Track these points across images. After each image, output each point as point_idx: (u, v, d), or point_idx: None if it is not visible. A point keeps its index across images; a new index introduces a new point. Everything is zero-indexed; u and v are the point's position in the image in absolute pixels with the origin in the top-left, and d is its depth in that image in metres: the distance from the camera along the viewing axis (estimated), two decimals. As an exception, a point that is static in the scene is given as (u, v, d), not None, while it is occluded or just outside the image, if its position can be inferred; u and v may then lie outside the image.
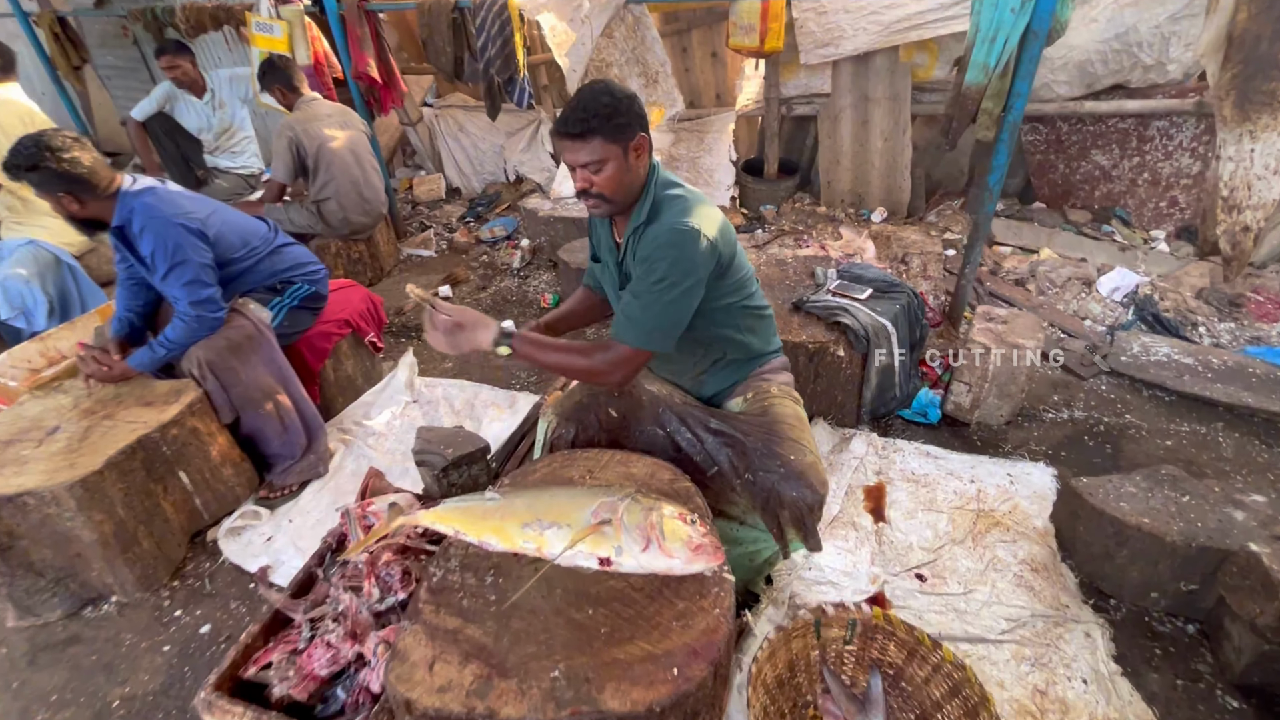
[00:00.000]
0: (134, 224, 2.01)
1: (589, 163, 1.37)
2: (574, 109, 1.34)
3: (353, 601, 1.52)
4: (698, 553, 1.27)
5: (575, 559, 1.30)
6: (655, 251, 1.40)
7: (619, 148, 1.37)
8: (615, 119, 1.34)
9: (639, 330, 1.44)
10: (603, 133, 1.34)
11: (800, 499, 1.46)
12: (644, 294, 1.42)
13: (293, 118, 3.22)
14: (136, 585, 1.97)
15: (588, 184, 1.41)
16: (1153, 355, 2.77)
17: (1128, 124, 3.40)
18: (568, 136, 1.36)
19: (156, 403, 2.07)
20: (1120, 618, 1.81)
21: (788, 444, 1.53)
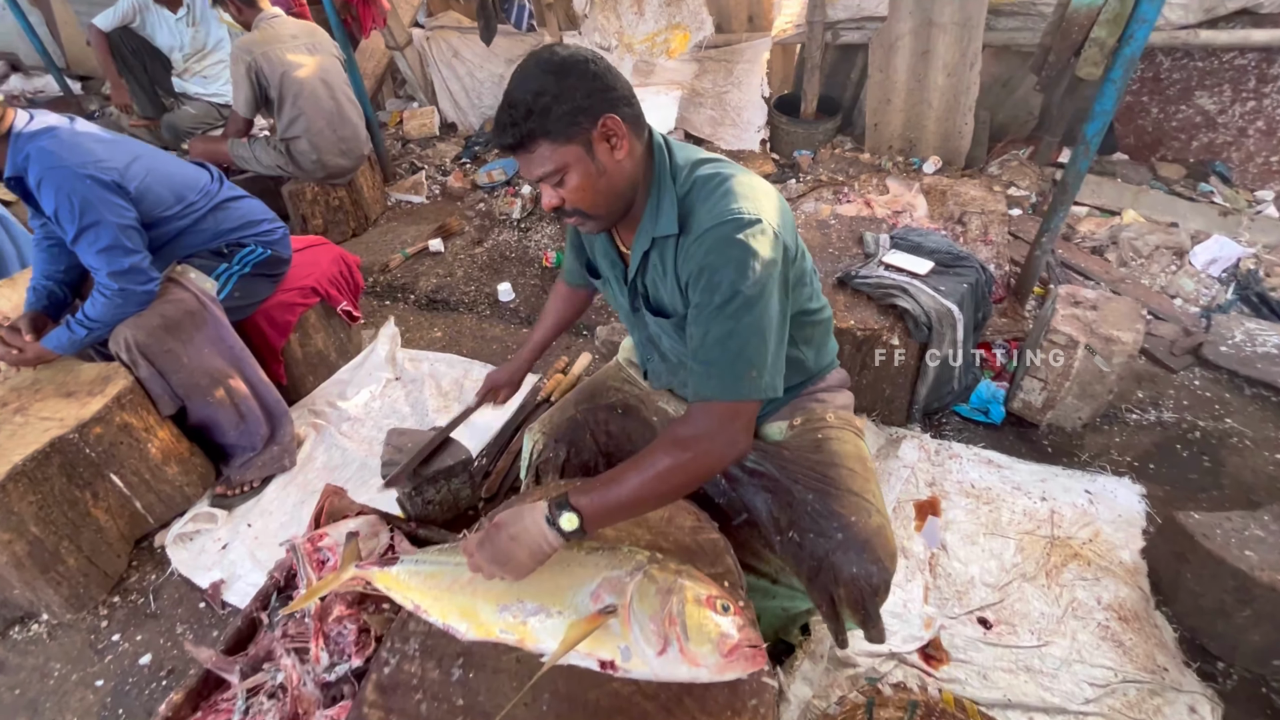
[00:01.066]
0: (30, 174, 1.62)
1: (545, 175, 1.00)
2: (502, 110, 0.97)
3: (294, 671, 1.23)
4: (731, 657, 0.93)
5: (569, 658, 0.98)
6: (710, 260, 1.00)
7: (577, 147, 0.98)
8: (556, 109, 0.94)
9: (728, 376, 0.99)
10: (546, 134, 0.96)
11: (863, 576, 1.11)
12: (715, 324, 1.00)
13: (250, 39, 2.74)
14: (65, 607, 1.70)
15: (557, 200, 1.03)
16: (1259, 345, 2.35)
17: (1248, 59, 2.83)
18: (509, 150, 0.99)
19: (79, 393, 1.74)
20: (1231, 687, 1.50)
21: (849, 499, 1.16)
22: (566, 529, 0.96)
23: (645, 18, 3.55)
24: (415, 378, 2.48)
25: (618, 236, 1.22)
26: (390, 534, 1.50)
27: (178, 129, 3.46)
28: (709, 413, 1.00)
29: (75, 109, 5.30)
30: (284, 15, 2.88)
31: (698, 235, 1.02)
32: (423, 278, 3.14)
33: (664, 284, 1.13)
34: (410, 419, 2.32)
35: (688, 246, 1.04)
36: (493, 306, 2.93)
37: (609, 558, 1.04)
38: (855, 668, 1.53)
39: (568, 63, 0.96)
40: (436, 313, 2.94)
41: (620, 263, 1.23)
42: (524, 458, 1.44)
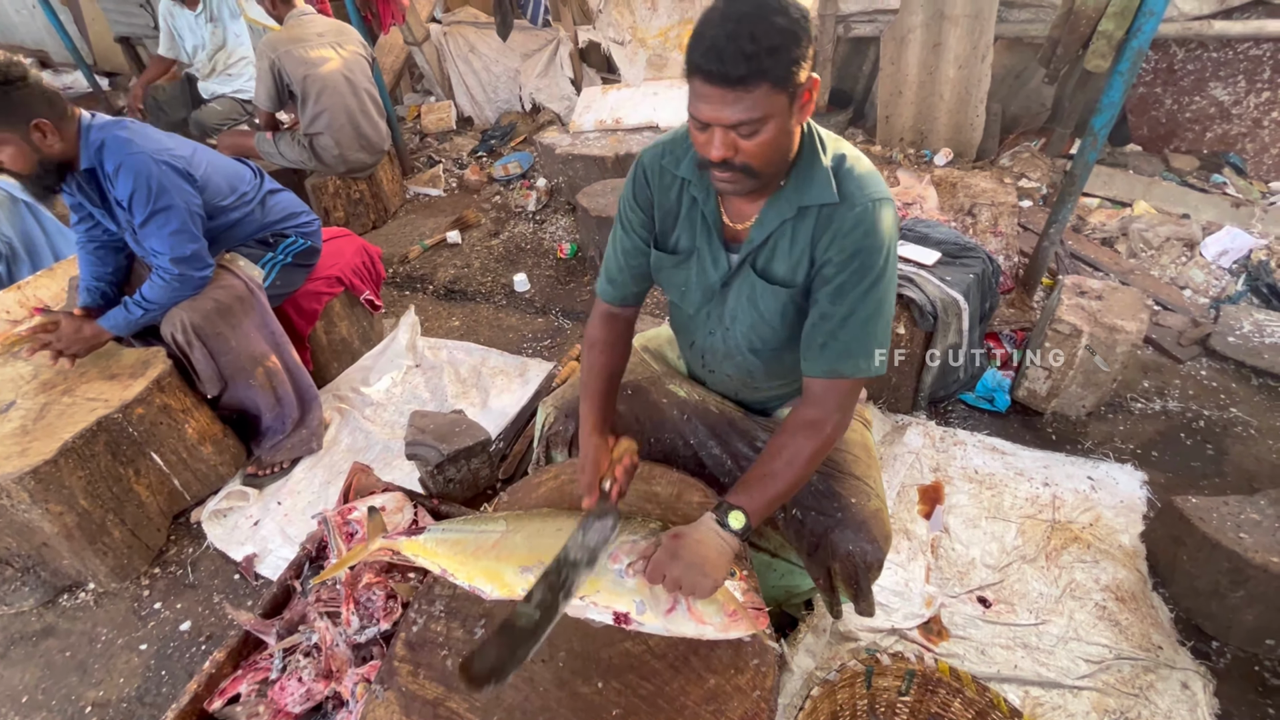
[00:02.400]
0: (107, 162, 1.70)
1: (743, 122, 0.89)
2: (732, 35, 0.83)
3: (328, 633, 1.31)
4: (734, 618, 1.01)
5: (585, 611, 1.06)
6: (867, 243, 1.00)
7: (786, 97, 0.88)
8: (794, 49, 0.85)
9: (862, 356, 1.03)
10: (774, 75, 0.85)
11: (858, 554, 1.18)
12: (862, 305, 1.02)
13: (275, 36, 2.83)
14: (111, 576, 1.81)
15: (730, 150, 0.92)
16: (1267, 336, 2.36)
17: (1263, 50, 2.82)
18: (722, 82, 0.85)
19: (121, 376, 1.84)
20: (1224, 665, 1.54)
21: (850, 482, 1.22)
22: (735, 527, 1.01)
23: (658, 12, 3.59)
24: (435, 365, 2.57)
25: (725, 204, 1.13)
26: (414, 509, 1.58)
27: (205, 125, 3.56)
28: (836, 390, 1.06)
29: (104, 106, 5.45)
30: (314, 13, 2.96)
31: (856, 209, 1.00)
32: (441, 269, 3.23)
33: (790, 254, 1.07)
34: (430, 404, 2.40)
35: (843, 219, 1.01)
36: (509, 297, 3.01)
37: (626, 525, 1.12)
38: (856, 641, 1.60)
39: (801, 11, 0.87)
40: (454, 302, 3.03)
41: (721, 233, 1.14)
42: (537, 428, 1.51)
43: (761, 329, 1.18)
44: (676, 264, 1.20)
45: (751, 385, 1.35)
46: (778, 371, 1.29)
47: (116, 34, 5.84)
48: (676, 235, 1.19)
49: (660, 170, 1.15)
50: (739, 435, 1.35)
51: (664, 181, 1.15)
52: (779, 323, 1.15)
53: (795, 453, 1.05)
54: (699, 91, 0.89)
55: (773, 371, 1.29)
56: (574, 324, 2.80)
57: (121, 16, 5.71)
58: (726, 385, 1.39)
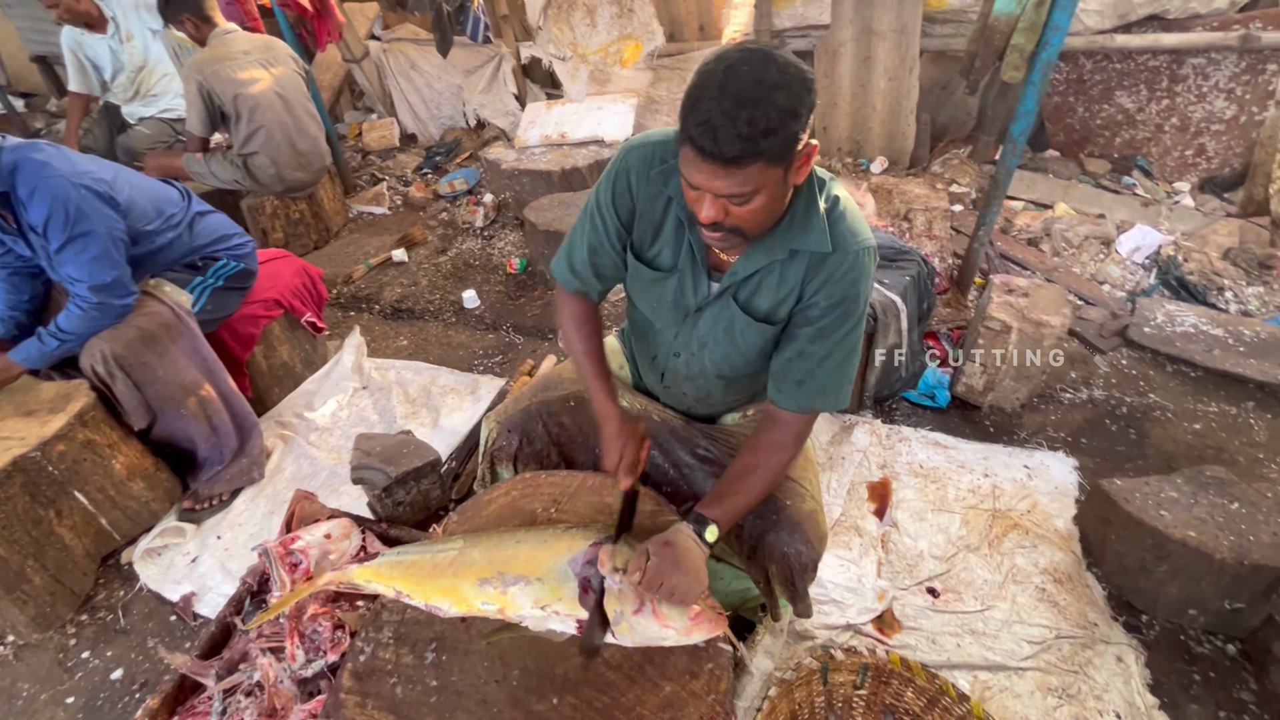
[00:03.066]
0: (20, 187, 1.61)
1: (736, 195, 0.89)
2: (729, 115, 0.81)
3: (271, 670, 1.26)
4: (696, 621, 1.02)
5: (546, 622, 1.05)
6: (855, 290, 1.04)
7: (781, 169, 0.88)
8: (790, 127, 0.83)
9: (833, 395, 1.11)
10: (769, 154, 0.84)
11: (793, 555, 1.21)
12: (838, 349, 1.08)
13: (201, 57, 2.73)
14: (31, 626, 1.69)
15: (721, 215, 0.92)
16: (1178, 326, 2.53)
17: (1160, 60, 3.05)
18: (714, 161, 0.84)
19: (39, 411, 1.73)
20: (1153, 637, 1.63)
21: (786, 485, 1.26)
22: (710, 540, 1.07)
23: (598, 29, 3.64)
24: (382, 386, 2.51)
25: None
26: (362, 535, 1.54)
27: (133, 150, 3.40)
28: (805, 421, 1.14)
29: (19, 128, 5.16)
30: (239, 30, 2.88)
31: (849, 258, 1.02)
32: (387, 288, 3.16)
33: (778, 291, 1.08)
34: (378, 426, 2.34)
35: (836, 266, 1.03)
36: (458, 314, 2.97)
37: (583, 533, 1.12)
38: (813, 640, 1.63)
39: (803, 77, 0.84)
40: (402, 321, 2.97)
41: (704, 262, 1.12)
42: (480, 445, 1.49)
43: (735, 359, 1.19)
44: (655, 280, 1.17)
45: (706, 403, 1.38)
46: (736, 392, 1.33)
47: (32, 54, 5.56)
48: (658, 249, 1.15)
49: (647, 179, 1.11)
50: (680, 443, 1.37)
51: (651, 191, 1.12)
52: (755, 356, 1.17)
53: (765, 473, 1.12)
54: (691, 161, 0.88)
55: (731, 392, 1.33)
56: (525, 339, 2.79)
57: (37, 35, 5.43)
58: (678, 402, 1.41)
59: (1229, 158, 3.12)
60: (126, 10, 3.31)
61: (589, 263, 1.21)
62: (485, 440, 1.47)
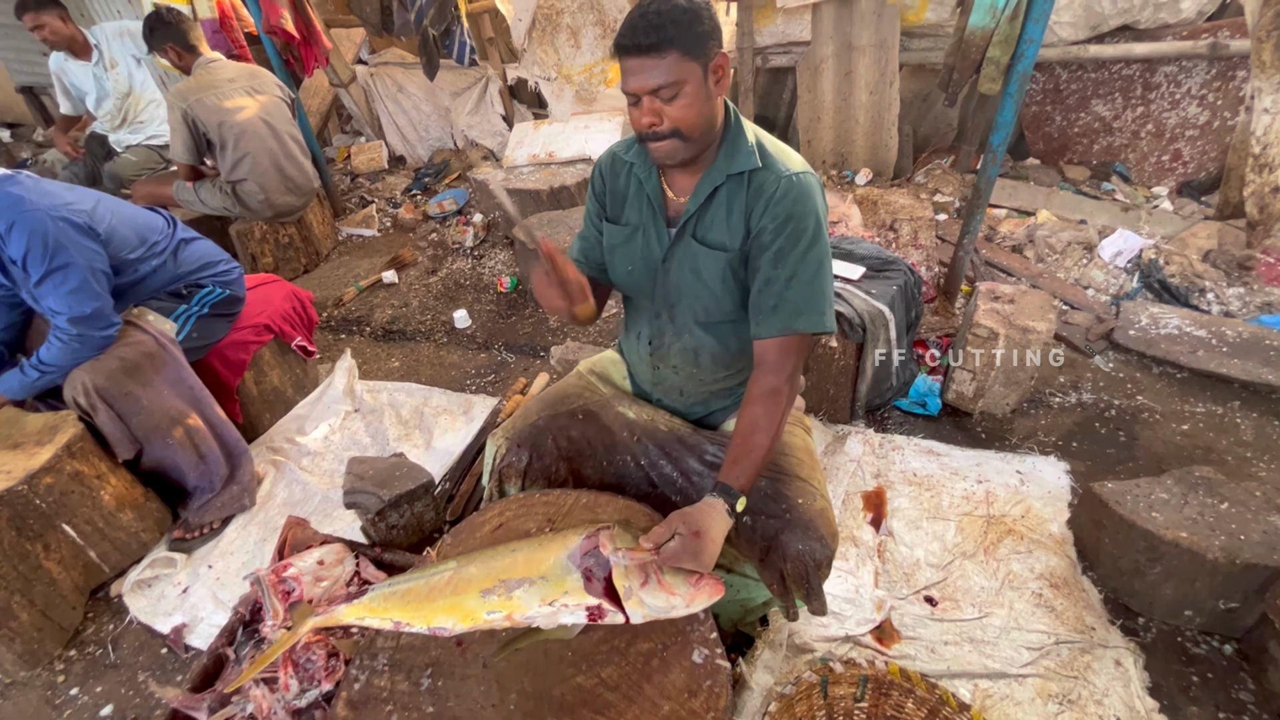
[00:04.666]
0: None
1: (661, 86, 1.05)
2: (642, 14, 1.03)
3: (265, 700, 1.24)
4: (699, 587, 1.02)
5: (558, 616, 1.03)
6: (797, 209, 1.12)
7: (699, 66, 1.06)
8: (696, 26, 1.04)
9: (814, 312, 1.15)
10: (681, 44, 1.03)
11: (807, 553, 1.21)
12: (803, 266, 1.14)
13: (185, 85, 2.75)
14: (19, 664, 1.66)
15: (657, 118, 1.08)
16: (1162, 328, 2.56)
17: (1133, 69, 3.12)
18: (636, 51, 1.04)
19: (26, 444, 1.72)
20: (1151, 639, 1.63)
21: (795, 484, 1.26)
22: (741, 509, 1.10)
23: (582, 50, 3.69)
24: (374, 408, 2.50)
25: (666, 180, 1.27)
26: (355, 560, 1.52)
27: (120, 177, 3.40)
28: (789, 349, 1.17)
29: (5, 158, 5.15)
30: (223, 59, 2.90)
31: (783, 180, 1.13)
32: (378, 309, 3.16)
33: (726, 221, 1.19)
34: (371, 449, 2.33)
35: (772, 189, 1.14)
36: (449, 334, 2.97)
37: (576, 530, 1.12)
38: (813, 653, 1.62)
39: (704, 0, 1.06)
40: (393, 343, 2.96)
41: (663, 207, 1.26)
42: (486, 462, 1.49)
43: (705, 298, 1.27)
44: (625, 238, 1.31)
45: (697, 377, 1.39)
46: (723, 358, 1.35)
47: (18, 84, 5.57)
48: (626, 213, 1.32)
49: (612, 160, 1.32)
50: (688, 450, 1.38)
51: (615, 169, 1.32)
52: (720, 289, 1.24)
53: (767, 421, 1.14)
54: (624, 66, 1.06)
55: (718, 357, 1.35)
56: (517, 357, 2.79)
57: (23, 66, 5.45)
58: (672, 382, 1.43)
59: (1204, 162, 3.18)
60: (110, 38, 3.34)
61: (582, 249, 1.41)
62: (493, 457, 1.46)
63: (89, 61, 3.32)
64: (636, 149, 1.27)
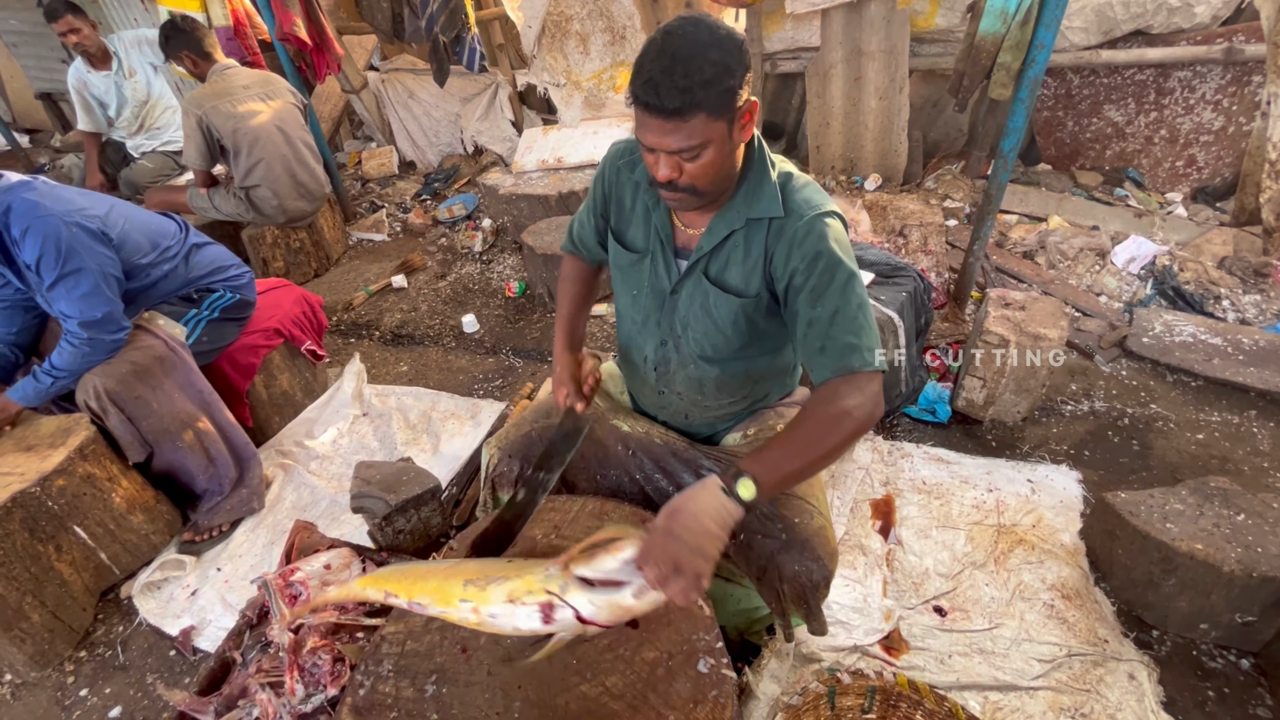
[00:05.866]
0: (13, 226, 1.63)
1: (684, 149, 0.95)
2: (667, 70, 0.90)
3: (270, 705, 1.25)
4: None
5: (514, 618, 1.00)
6: (822, 244, 1.05)
7: (725, 123, 0.96)
8: (726, 81, 0.92)
9: (868, 348, 1.03)
10: (709, 105, 0.92)
11: (804, 573, 1.19)
12: (842, 300, 1.04)
13: (200, 92, 2.78)
14: (30, 664, 1.67)
15: (675, 172, 1.00)
16: (1176, 335, 2.53)
17: (1146, 75, 3.09)
18: (659, 113, 0.92)
19: (39, 446, 1.74)
20: (1165, 652, 1.60)
21: (793, 503, 1.25)
22: (745, 496, 0.92)
23: (591, 56, 3.70)
24: (383, 413, 2.51)
25: (677, 216, 1.20)
26: (362, 565, 1.53)
27: (136, 184, 3.45)
28: (852, 385, 1.01)
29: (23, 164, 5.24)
30: (238, 66, 2.93)
31: (805, 220, 1.06)
32: (387, 314, 3.18)
33: (743, 263, 1.13)
34: (379, 453, 2.34)
35: (794, 231, 1.07)
36: (458, 338, 2.98)
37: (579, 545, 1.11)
38: (820, 662, 1.60)
39: (734, 39, 0.93)
40: (402, 347, 2.98)
41: (671, 240, 1.20)
42: (482, 471, 1.49)
43: (714, 337, 1.22)
44: (633, 262, 1.26)
45: (702, 404, 1.37)
46: (728, 386, 1.32)
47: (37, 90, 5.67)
48: (631, 233, 1.26)
49: (618, 170, 1.25)
50: (684, 465, 1.37)
51: (620, 180, 1.25)
52: (731, 331, 1.19)
53: (828, 433, 0.97)
54: (641, 120, 0.97)
55: (724, 385, 1.31)
56: (525, 362, 2.79)
57: (42, 73, 5.55)
58: (677, 407, 1.40)
59: (1219, 168, 3.15)
60: (129, 47, 3.39)
61: (579, 233, 1.40)
62: (486, 466, 1.46)
63: (108, 70, 3.38)
64: (643, 169, 1.18)
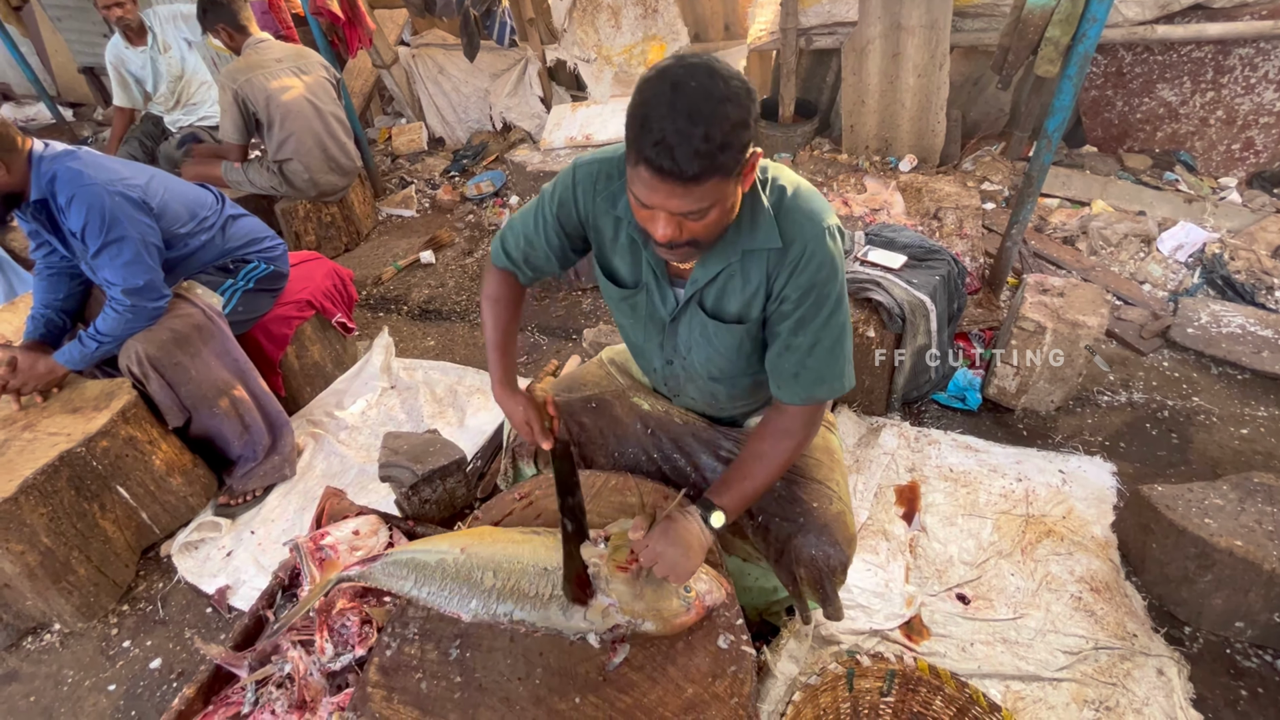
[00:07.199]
0: (59, 194, 1.69)
1: (695, 210, 0.88)
2: (683, 133, 0.80)
3: (302, 662, 1.29)
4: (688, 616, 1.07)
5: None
6: (820, 277, 1.02)
7: (734, 182, 0.90)
8: (743, 139, 0.84)
9: (832, 379, 1.08)
10: (724, 170, 0.85)
11: (821, 558, 1.19)
12: (825, 334, 1.05)
13: (235, 66, 2.81)
14: (77, 615, 1.75)
15: (676, 231, 0.91)
16: (1224, 326, 2.43)
17: (1204, 52, 2.93)
18: (673, 179, 0.83)
19: (85, 408, 1.80)
20: (1197, 650, 1.57)
21: (811, 487, 1.24)
22: (716, 525, 1.07)
23: (622, 30, 3.65)
24: (410, 386, 2.55)
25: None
26: (390, 531, 1.56)
27: (174, 158, 3.51)
28: (809, 411, 1.11)
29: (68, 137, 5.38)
30: (271, 40, 2.95)
31: (805, 249, 1.01)
32: (415, 289, 3.21)
33: (741, 293, 1.08)
34: (406, 425, 2.38)
35: (796, 257, 1.01)
36: (484, 315, 3.00)
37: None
38: (839, 645, 1.60)
39: (746, 88, 0.85)
40: (429, 322, 3.01)
41: (666, 273, 1.14)
42: (504, 441, 1.51)
43: (718, 361, 1.20)
44: (625, 297, 1.20)
45: (717, 406, 1.37)
46: (741, 394, 1.31)
47: (80, 65, 5.79)
48: (617, 265, 1.18)
49: (594, 198, 1.12)
50: (703, 445, 1.36)
51: (599, 209, 1.13)
52: (735, 355, 1.17)
53: (773, 459, 1.11)
54: (645, 181, 0.86)
55: (736, 394, 1.31)
56: (550, 339, 2.80)
57: (85, 47, 5.66)
58: (693, 405, 1.40)
59: (1279, 151, 2.99)
60: (164, 22, 3.43)
61: (523, 251, 1.25)
62: (508, 436, 1.48)
63: (144, 46, 3.43)
64: (625, 205, 1.06)
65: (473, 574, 1.11)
